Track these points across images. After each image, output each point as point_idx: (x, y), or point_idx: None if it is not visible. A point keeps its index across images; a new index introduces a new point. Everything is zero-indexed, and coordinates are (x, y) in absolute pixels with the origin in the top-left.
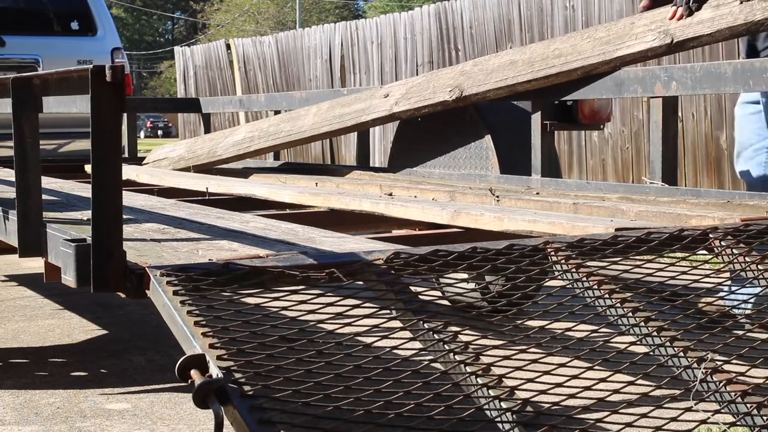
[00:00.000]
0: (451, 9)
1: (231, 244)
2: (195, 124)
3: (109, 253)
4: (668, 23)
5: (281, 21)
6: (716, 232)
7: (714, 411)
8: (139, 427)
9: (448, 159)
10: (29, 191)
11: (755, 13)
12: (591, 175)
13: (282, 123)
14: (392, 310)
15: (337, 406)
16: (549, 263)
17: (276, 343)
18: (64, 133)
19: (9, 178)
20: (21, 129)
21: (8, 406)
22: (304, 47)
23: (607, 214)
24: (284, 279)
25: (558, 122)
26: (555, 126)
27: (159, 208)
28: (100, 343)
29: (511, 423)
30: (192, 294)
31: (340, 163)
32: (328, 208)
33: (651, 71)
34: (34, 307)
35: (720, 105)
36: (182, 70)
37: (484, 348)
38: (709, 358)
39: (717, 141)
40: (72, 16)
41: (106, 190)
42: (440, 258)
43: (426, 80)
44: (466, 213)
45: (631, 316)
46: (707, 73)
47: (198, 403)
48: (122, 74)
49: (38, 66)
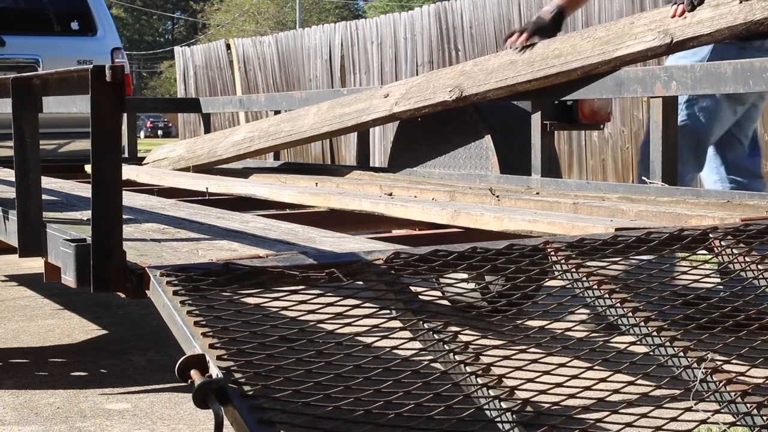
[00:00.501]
0: (451, 9)
1: (231, 244)
2: (195, 124)
3: (109, 253)
4: (668, 23)
5: (281, 21)
6: (716, 232)
7: (714, 411)
8: (139, 427)
9: (448, 159)
10: (29, 191)
11: (755, 12)
12: (591, 175)
13: (282, 123)
14: (392, 310)
15: (337, 406)
16: (549, 263)
17: (276, 343)
18: (64, 133)
19: (9, 178)
20: (21, 129)
21: (8, 406)
22: (304, 47)
23: (607, 214)
24: (284, 279)
25: (558, 122)
26: (555, 126)
27: (159, 208)
28: (100, 343)
29: (511, 423)
30: (192, 294)
31: (340, 163)
32: (328, 208)
33: (651, 71)
34: (34, 307)
35: None
36: (182, 70)
37: (484, 348)
38: (709, 358)
39: None
40: (72, 16)
41: (106, 190)
42: (440, 258)
43: (426, 80)
44: (466, 213)
45: (631, 316)
46: (707, 73)
47: (198, 403)
48: (122, 74)
49: (38, 66)
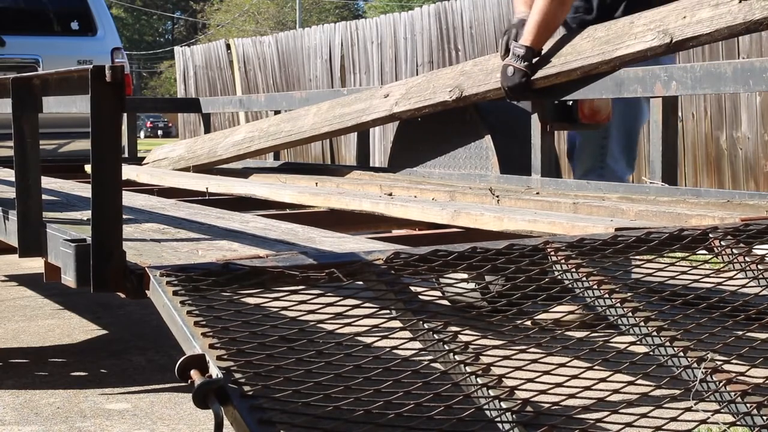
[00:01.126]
0: (451, 9)
1: (231, 244)
2: (195, 124)
3: (109, 253)
4: (667, 23)
5: (281, 21)
6: (716, 232)
7: (714, 411)
8: (139, 427)
9: (448, 159)
10: (29, 191)
11: (754, 12)
12: None
13: (282, 123)
14: (392, 310)
15: (337, 406)
16: (549, 263)
17: (276, 343)
18: (64, 133)
19: (9, 178)
20: (21, 129)
21: (8, 406)
22: (304, 47)
23: (607, 213)
24: (284, 279)
25: (558, 122)
26: (555, 126)
27: (159, 208)
28: (100, 343)
29: (511, 423)
30: (192, 294)
31: (340, 163)
32: (328, 208)
33: (651, 71)
34: (34, 307)
35: (720, 105)
36: (182, 70)
37: (484, 348)
38: (709, 358)
39: (717, 141)
40: (72, 16)
41: (106, 190)
42: (440, 258)
43: (426, 80)
44: (466, 213)
45: (631, 316)
46: (707, 73)
47: (198, 403)
48: (122, 74)
49: (38, 66)
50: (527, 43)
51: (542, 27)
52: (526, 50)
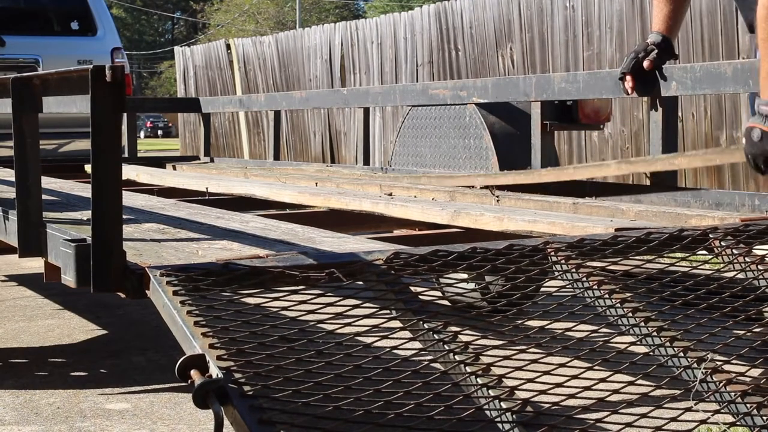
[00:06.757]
0: (451, 9)
1: (231, 244)
2: (195, 124)
3: (109, 254)
4: None
5: (281, 21)
6: (716, 232)
7: (714, 411)
8: (139, 427)
9: (448, 159)
10: (29, 191)
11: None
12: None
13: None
14: (392, 310)
15: (337, 406)
16: (549, 263)
17: (276, 343)
18: (64, 133)
19: (9, 178)
20: (21, 129)
21: (8, 406)
22: (304, 47)
23: (607, 214)
24: (284, 279)
25: (558, 122)
26: (555, 126)
27: (159, 208)
28: (100, 343)
29: (511, 423)
30: (192, 294)
31: (340, 163)
32: (328, 208)
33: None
34: (34, 307)
35: (720, 105)
36: (182, 70)
37: (484, 348)
38: (709, 358)
39: (717, 141)
40: (72, 16)
41: (106, 190)
42: (440, 258)
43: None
44: (466, 213)
45: (631, 316)
46: (707, 73)
47: (198, 403)
48: (122, 74)
49: (38, 66)
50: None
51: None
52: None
